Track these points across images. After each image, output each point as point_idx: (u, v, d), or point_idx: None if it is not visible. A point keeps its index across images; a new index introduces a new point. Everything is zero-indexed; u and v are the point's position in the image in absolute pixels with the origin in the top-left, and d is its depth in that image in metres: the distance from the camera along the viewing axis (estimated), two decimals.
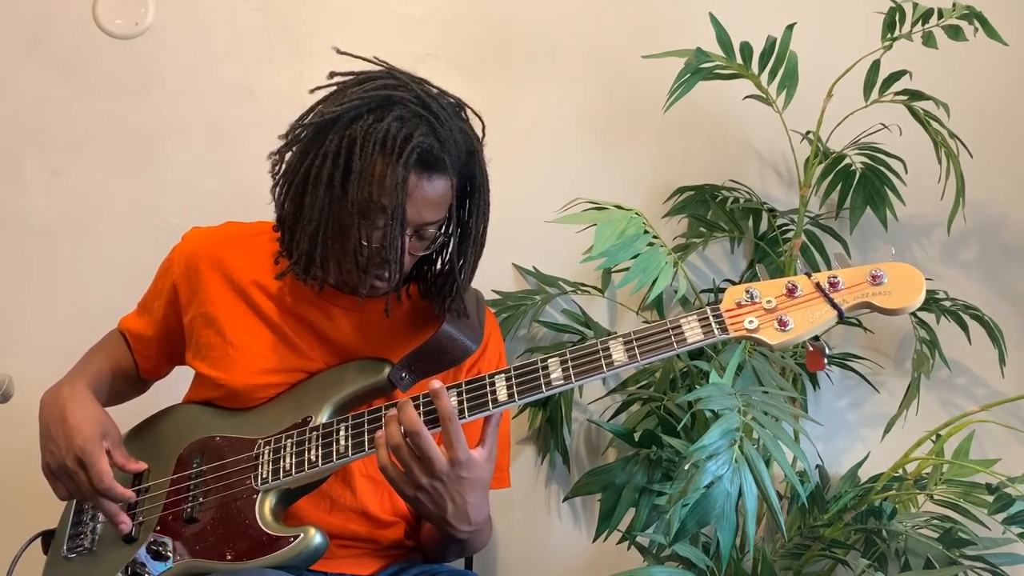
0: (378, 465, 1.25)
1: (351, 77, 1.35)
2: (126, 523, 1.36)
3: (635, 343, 1.21)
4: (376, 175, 1.26)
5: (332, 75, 1.35)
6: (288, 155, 1.36)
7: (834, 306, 1.17)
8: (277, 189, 1.37)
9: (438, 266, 1.42)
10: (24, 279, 2.07)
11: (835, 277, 1.19)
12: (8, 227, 2.08)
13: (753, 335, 1.18)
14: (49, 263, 2.08)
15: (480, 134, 1.37)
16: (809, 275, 1.20)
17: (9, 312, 2.06)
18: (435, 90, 1.35)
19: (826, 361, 1.19)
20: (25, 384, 1.56)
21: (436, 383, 1.23)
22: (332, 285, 1.40)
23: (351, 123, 1.29)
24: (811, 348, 1.20)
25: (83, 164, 2.09)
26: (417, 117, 1.29)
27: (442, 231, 1.36)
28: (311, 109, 1.35)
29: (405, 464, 1.23)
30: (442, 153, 1.28)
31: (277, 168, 1.37)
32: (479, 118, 1.39)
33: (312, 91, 1.36)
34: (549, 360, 1.25)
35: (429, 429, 1.22)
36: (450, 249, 1.38)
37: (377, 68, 1.36)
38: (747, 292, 1.20)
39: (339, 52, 1.37)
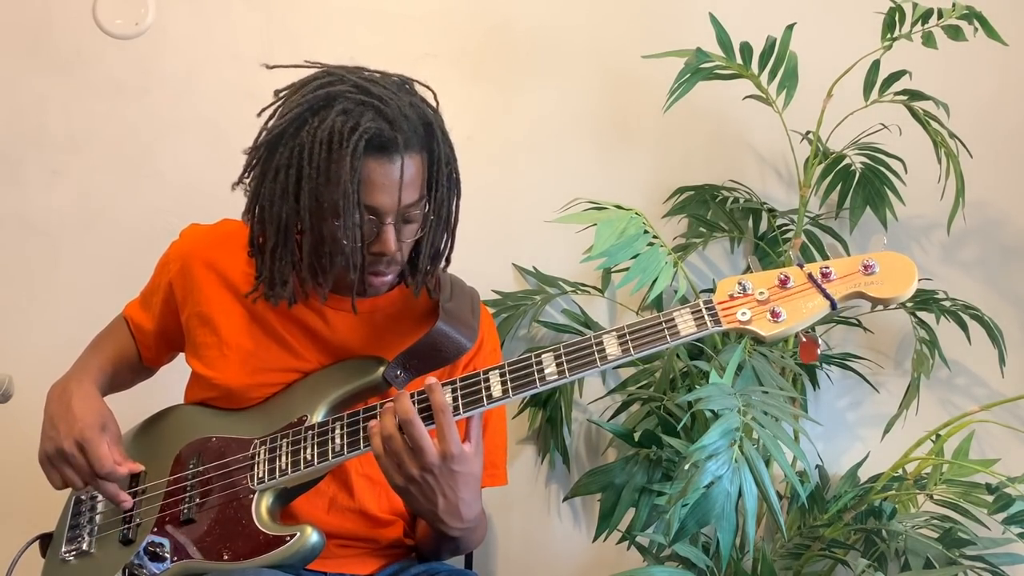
0: (373, 453, 1.25)
1: (290, 87, 1.34)
2: (128, 500, 1.38)
3: (628, 337, 1.21)
4: (332, 174, 1.25)
5: (276, 93, 1.35)
6: (248, 181, 1.35)
7: (827, 296, 1.17)
8: (246, 216, 1.37)
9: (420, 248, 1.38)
10: (24, 279, 2.07)
11: (827, 268, 1.19)
12: (8, 227, 2.08)
13: (746, 327, 1.18)
14: (49, 263, 2.08)
15: (435, 104, 1.36)
16: (801, 266, 1.20)
17: (9, 312, 2.07)
18: (376, 74, 1.34)
19: (820, 351, 1.19)
20: (25, 384, 1.56)
21: (431, 378, 1.25)
22: (332, 291, 1.40)
23: (298, 131, 1.28)
24: (804, 339, 1.19)
25: (83, 164, 2.09)
26: (361, 105, 1.27)
27: (427, 210, 1.35)
28: (260, 130, 1.34)
29: (396, 454, 1.23)
30: (394, 132, 1.26)
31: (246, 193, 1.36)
32: (429, 89, 1.37)
33: (259, 113, 1.35)
34: (543, 355, 1.25)
35: (425, 424, 1.23)
36: (424, 228, 1.36)
37: (314, 70, 1.35)
38: (740, 284, 1.20)
39: (268, 67, 1.36)
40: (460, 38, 2.11)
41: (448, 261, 1.43)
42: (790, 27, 1.80)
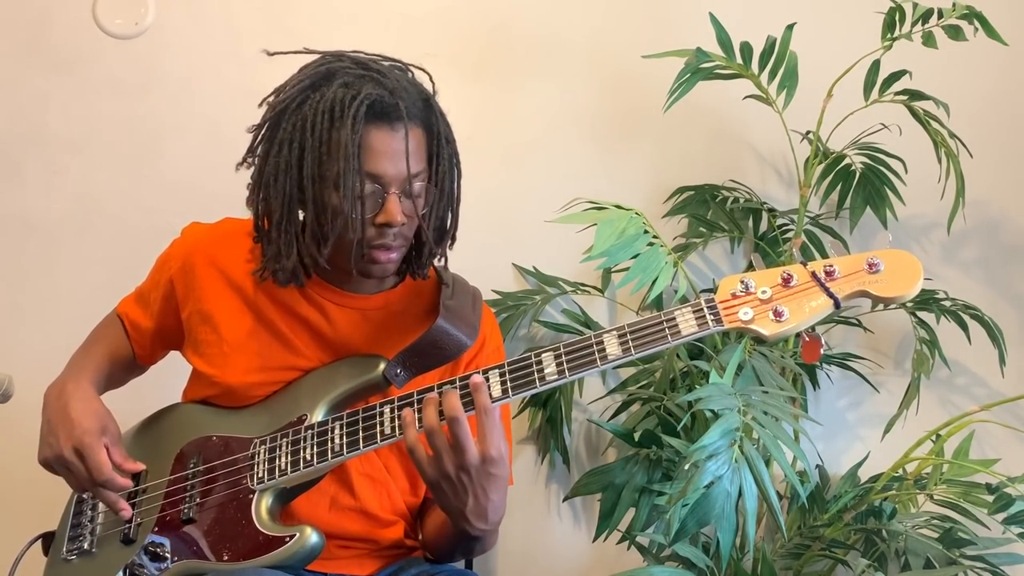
0: (406, 444, 1.23)
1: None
2: (127, 510, 1.37)
3: (629, 336, 1.20)
4: (334, 143, 1.27)
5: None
6: (252, 160, 1.37)
7: (830, 295, 1.15)
8: (251, 198, 1.38)
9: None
10: (24, 279, 2.07)
11: (831, 266, 1.16)
12: (8, 227, 2.08)
13: (748, 326, 1.16)
14: (49, 263, 2.08)
15: (431, 90, 1.38)
16: (805, 264, 1.18)
17: (9, 312, 2.06)
18: (376, 55, 1.37)
19: (822, 351, 1.18)
20: (25, 384, 1.56)
21: (478, 377, 1.23)
22: (328, 280, 1.40)
23: (300, 106, 1.31)
24: (807, 338, 1.17)
25: (83, 164, 2.09)
26: (361, 78, 1.30)
27: (430, 183, 1.35)
28: (265, 112, 1.36)
29: (436, 450, 1.21)
30: (395, 100, 1.28)
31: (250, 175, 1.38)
32: (425, 72, 1.40)
33: (260, 104, 1.37)
34: (543, 354, 1.24)
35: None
36: (428, 203, 1.36)
37: (314, 57, 1.38)
38: (742, 282, 1.18)
39: (269, 54, 1.38)
40: (460, 38, 2.11)
41: (453, 239, 1.43)
42: (790, 27, 1.80)
